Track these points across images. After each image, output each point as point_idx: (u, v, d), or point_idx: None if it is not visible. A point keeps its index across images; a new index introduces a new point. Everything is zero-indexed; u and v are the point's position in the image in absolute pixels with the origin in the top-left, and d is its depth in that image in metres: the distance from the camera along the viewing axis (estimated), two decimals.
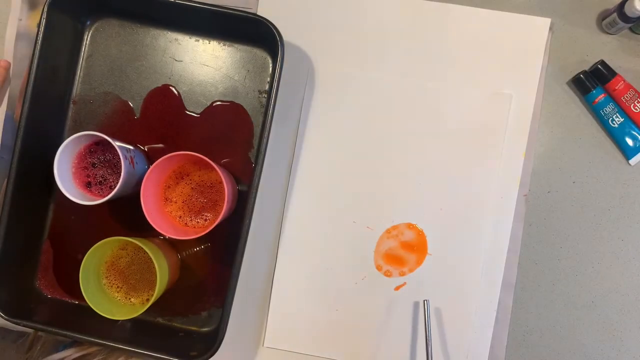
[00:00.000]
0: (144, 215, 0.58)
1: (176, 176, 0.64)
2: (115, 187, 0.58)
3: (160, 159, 0.58)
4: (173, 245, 0.67)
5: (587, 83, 0.67)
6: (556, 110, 0.69)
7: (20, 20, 0.68)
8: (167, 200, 0.63)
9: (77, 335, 0.60)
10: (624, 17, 0.64)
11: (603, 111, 0.67)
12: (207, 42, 0.67)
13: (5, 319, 0.61)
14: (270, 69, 0.67)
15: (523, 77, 0.67)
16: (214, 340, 0.60)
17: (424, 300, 0.63)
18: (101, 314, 0.59)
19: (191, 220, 0.64)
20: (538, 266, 0.68)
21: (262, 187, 0.66)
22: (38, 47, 0.60)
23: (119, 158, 0.58)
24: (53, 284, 0.67)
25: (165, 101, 0.67)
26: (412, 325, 0.66)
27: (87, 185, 0.62)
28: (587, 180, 0.68)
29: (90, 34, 0.67)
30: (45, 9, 0.60)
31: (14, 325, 0.64)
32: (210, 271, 0.67)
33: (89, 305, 0.59)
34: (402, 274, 0.67)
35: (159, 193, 0.63)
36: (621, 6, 0.64)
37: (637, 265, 0.68)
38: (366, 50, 0.68)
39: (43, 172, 0.63)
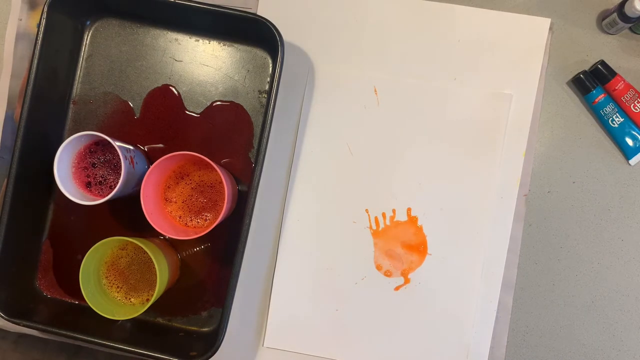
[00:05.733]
0: (144, 215, 0.58)
1: (176, 176, 0.64)
2: (115, 187, 0.58)
3: (160, 159, 0.58)
4: (173, 245, 0.67)
5: (587, 83, 0.67)
6: (556, 110, 0.69)
7: (20, 20, 0.68)
8: (167, 200, 0.63)
9: (77, 335, 0.60)
10: (624, 17, 0.64)
11: (603, 111, 0.67)
12: (207, 42, 0.67)
13: (5, 319, 0.61)
14: (270, 69, 0.67)
15: (523, 77, 0.67)
16: (214, 340, 0.60)
17: None
18: (101, 314, 0.59)
19: (191, 220, 0.64)
20: (538, 266, 0.68)
21: (262, 187, 0.66)
22: (38, 47, 0.60)
23: (119, 158, 0.58)
24: (53, 284, 0.67)
25: (165, 101, 0.67)
26: (412, 325, 0.66)
27: (87, 185, 0.62)
28: (587, 180, 0.68)
29: (90, 34, 0.67)
30: (45, 9, 0.60)
31: (13, 325, 0.64)
32: (210, 271, 0.67)
33: (89, 305, 0.59)
34: (403, 273, 0.67)
35: (159, 193, 0.63)
36: (621, 6, 0.64)
37: (637, 265, 0.68)
38: (366, 50, 0.68)
39: (43, 172, 0.63)
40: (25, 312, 0.62)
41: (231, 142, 0.67)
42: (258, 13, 0.68)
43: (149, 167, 0.59)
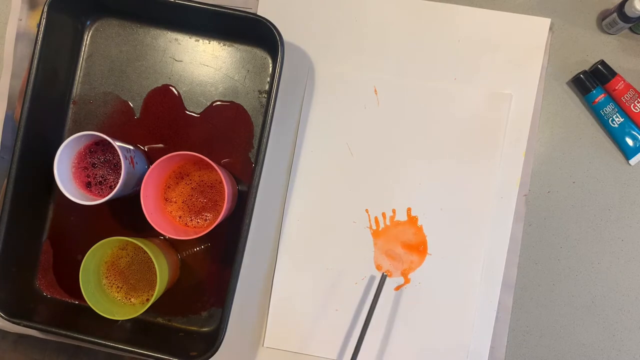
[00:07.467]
0: (144, 215, 0.58)
1: (176, 176, 0.64)
2: (115, 187, 0.58)
3: (160, 159, 0.58)
4: (173, 245, 0.67)
5: (587, 83, 0.67)
6: (556, 110, 0.69)
7: (20, 20, 0.68)
8: (167, 200, 0.63)
9: (77, 335, 0.60)
10: (624, 17, 0.64)
11: (603, 111, 0.67)
12: (207, 42, 0.67)
13: (5, 319, 0.61)
14: (270, 69, 0.67)
15: (523, 77, 0.67)
16: (214, 340, 0.60)
17: (382, 274, 0.64)
18: (101, 314, 0.59)
19: (191, 220, 0.64)
20: (538, 266, 0.68)
21: (262, 187, 0.66)
22: (38, 47, 0.60)
23: (119, 158, 0.58)
24: (53, 284, 0.67)
25: (165, 101, 0.67)
26: (412, 325, 0.66)
27: (87, 185, 0.62)
28: (587, 180, 0.68)
29: (90, 34, 0.67)
30: (45, 9, 0.60)
31: (13, 326, 0.64)
32: (210, 271, 0.67)
33: (89, 305, 0.59)
34: (403, 273, 0.67)
35: (159, 193, 0.63)
36: (621, 6, 0.64)
37: (637, 265, 0.68)
38: (366, 50, 0.68)
39: (43, 172, 0.63)
40: (25, 312, 0.63)
41: (231, 142, 0.67)
42: (258, 13, 0.68)
43: (149, 167, 0.59)
